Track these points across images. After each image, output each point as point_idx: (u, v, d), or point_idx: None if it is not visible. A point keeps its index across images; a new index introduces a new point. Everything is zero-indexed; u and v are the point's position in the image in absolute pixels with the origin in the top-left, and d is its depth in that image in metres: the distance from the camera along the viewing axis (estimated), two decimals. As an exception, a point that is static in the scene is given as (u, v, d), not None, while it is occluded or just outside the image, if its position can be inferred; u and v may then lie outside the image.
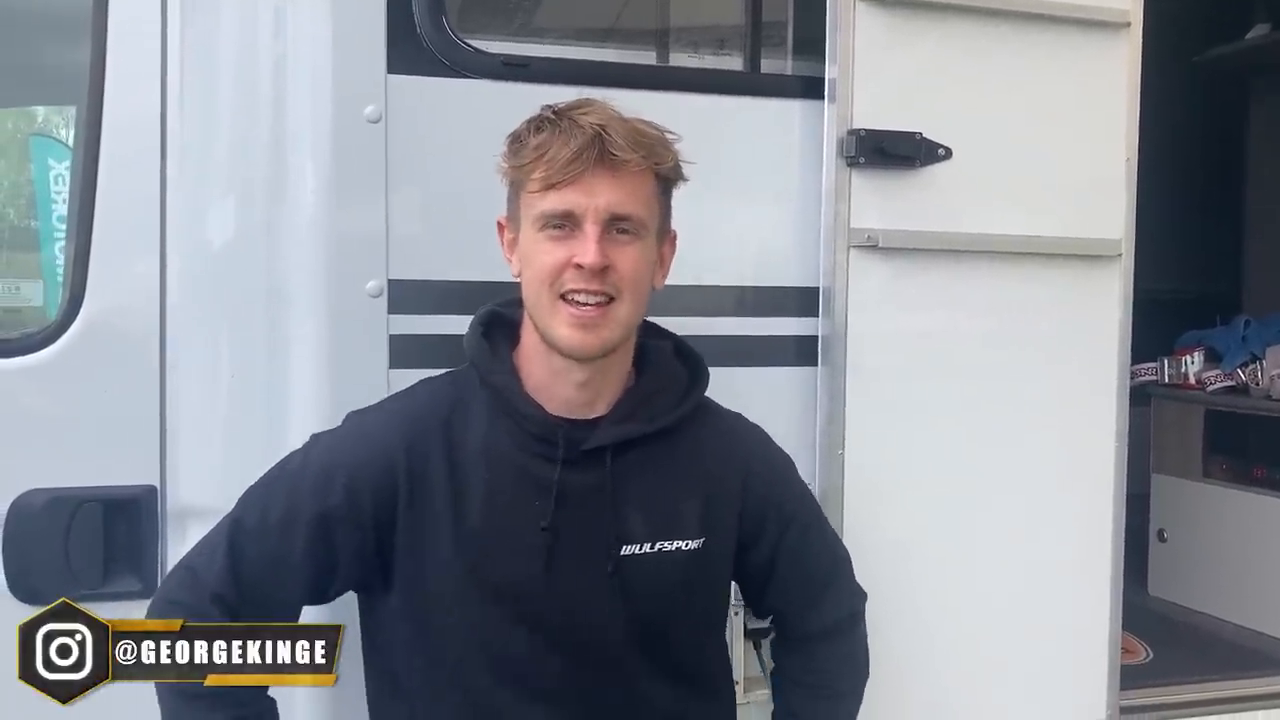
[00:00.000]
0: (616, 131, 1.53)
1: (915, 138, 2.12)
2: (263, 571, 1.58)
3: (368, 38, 1.87)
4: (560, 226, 1.54)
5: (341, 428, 1.67)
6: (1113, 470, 2.37)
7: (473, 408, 1.63)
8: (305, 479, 1.60)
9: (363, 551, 1.59)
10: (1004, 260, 2.24)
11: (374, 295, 1.88)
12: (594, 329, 1.54)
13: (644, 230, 1.58)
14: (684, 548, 1.65)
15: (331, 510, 1.57)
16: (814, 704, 1.86)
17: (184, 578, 1.60)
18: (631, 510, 1.63)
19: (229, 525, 1.60)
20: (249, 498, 1.62)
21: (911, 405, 2.19)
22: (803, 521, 1.80)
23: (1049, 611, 2.32)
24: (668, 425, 1.67)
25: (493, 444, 1.61)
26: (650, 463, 1.65)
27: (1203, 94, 4.43)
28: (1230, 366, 3.73)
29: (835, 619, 1.85)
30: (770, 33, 2.23)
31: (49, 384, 1.89)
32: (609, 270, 1.53)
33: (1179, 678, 2.78)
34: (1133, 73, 2.33)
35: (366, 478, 1.58)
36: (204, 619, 1.55)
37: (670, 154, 1.60)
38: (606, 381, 1.64)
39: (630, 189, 1.55)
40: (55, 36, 2.13)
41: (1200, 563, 3.63)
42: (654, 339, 1.73)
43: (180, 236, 1.91)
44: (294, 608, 1.64)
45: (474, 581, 1.59)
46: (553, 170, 1.51)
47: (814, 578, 1.83)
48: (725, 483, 1.71)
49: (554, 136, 1.53)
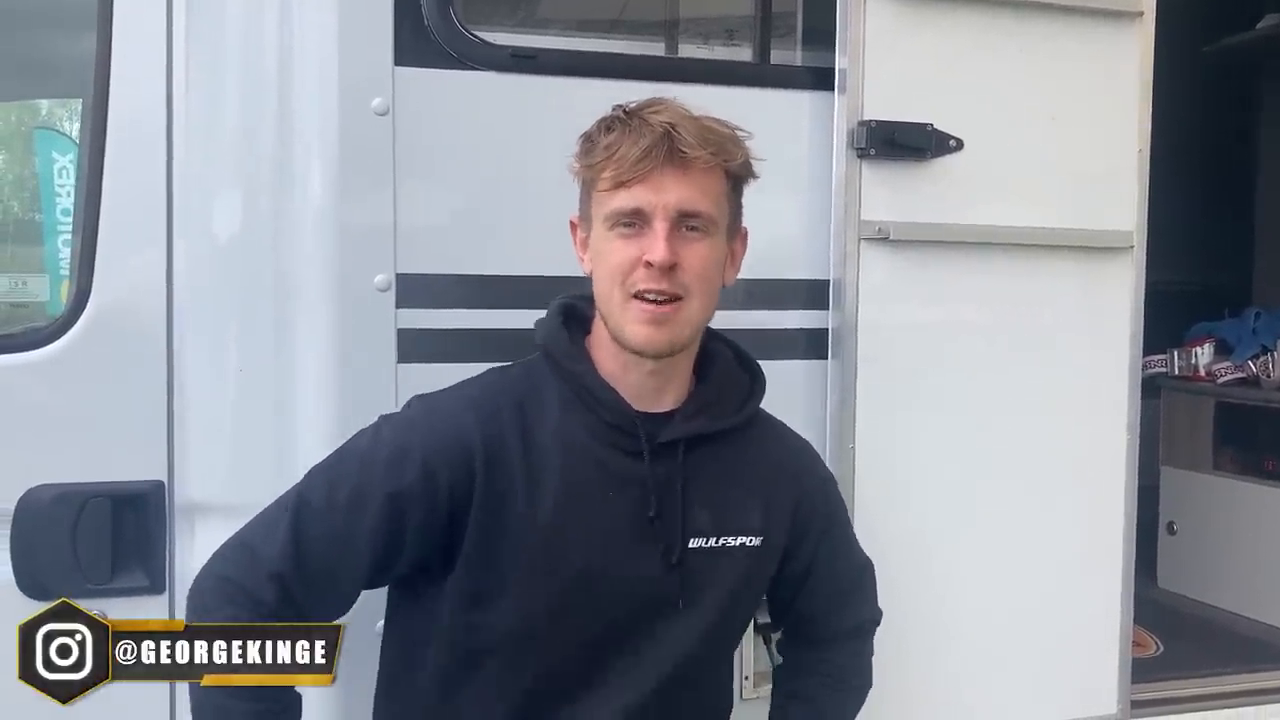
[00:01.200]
0: (686, 129, 1.54)
1: (926, 129, 2.11)
2: (326, 550, 1.55)
3: (375, 30, 1.86)
4: (630, 224, 1.56)
5: (412, 411, 1.66)
6: (1124, 462, 2.36)
7: (545, 396, 1.64)
8: (378, 458, 1.58)
9: (431, 532, 1.58)
10: (1015, 252, 2.23)
11: (382, 289, 1.87)
12: (664, 326, 1.56)
13: (713, 227, 1.59)
14: (746, 544, 1.69)
15: (406, 489, 1.56)
16: (823, 691, 1.87)
17: (239, 555, 1.56)
18: (698, 504, 1.66)
19: (293, 502, 1.57)
20: (313, 478, 1.60)
21: (922, 397, 2.18)
22: (838, 531, 1.85)
23: (1060, 604, 2.32)
24: (734, 424, 1.70)
25: (567, 432, 1.62)
26: (716, 460, 1.68)
27: (1213, 84, 4.40)
28: (1241, 358, 3.71)
29: (855, 624, 1.89)
30: (780, 23, 2.22)
31: (56, 379, 1.88)
32: (678, 268, 1.55)
33: (1189, 671, 2.77)
34: (1145, 63, 2.31)
35: (443, 458, 1.57)
36: (256, 599, 1.52)
37: (740, 151, 1.61)
38: (675, 374, 1.66)
39: (699, 186, 1.56)
40: (60, 29, 2.12)
41: (1210, 555, 3.62)
42: (715, 343, 1.74)
43: (187, 230, 1.90)
44: (351, 589, 1.62)
45: (547, 568, 1.60)
46: (623, 169, 1.54)
47: (841, 584, 1.86)
48: (781, 487, 1.74)
49: (624, 135, 1.55)
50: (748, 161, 1.63)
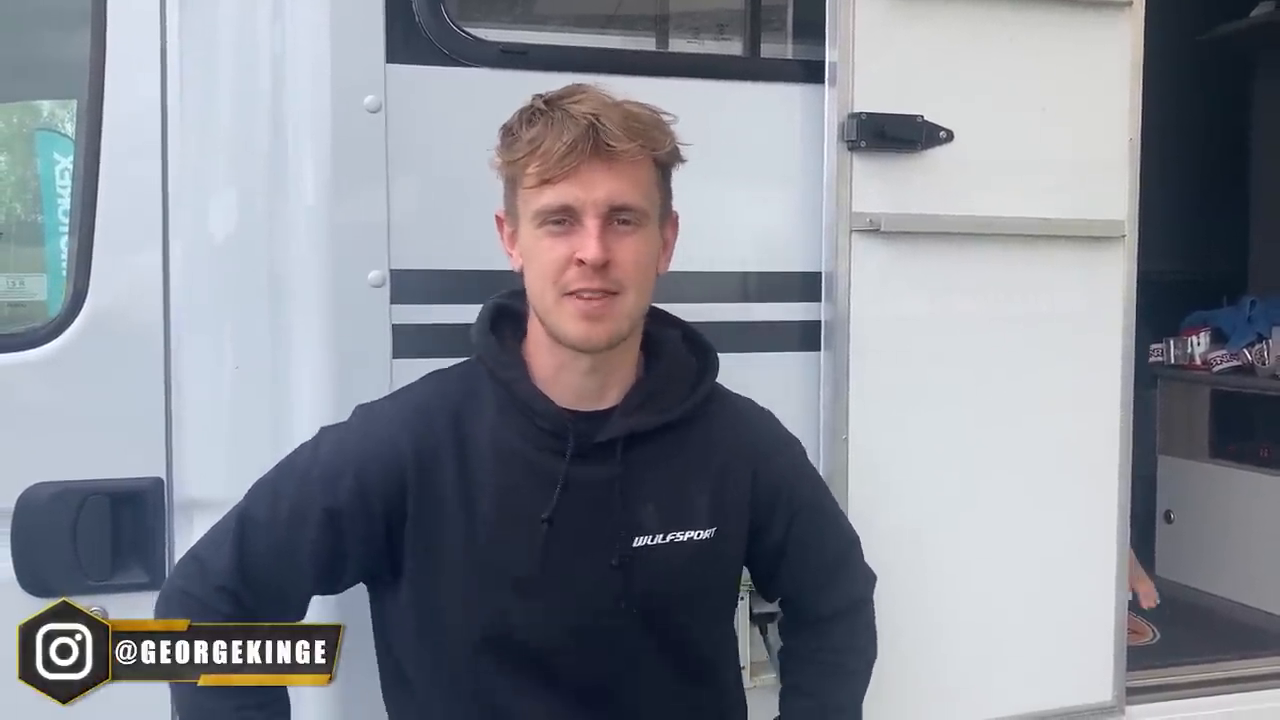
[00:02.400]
0: (611, 120, 1.49)
1: (916, 121, 2.12)
2: (270, 564, 1.59)
3: (366, 27, 1.87)
4: (560, 222, 1.52)
5: (350, 422, 1.66)
6: (1118, 452, 2.37)
7: (481, 401, 1.62)
8: (314, 473, 1.60)
9: (372, 545, 1.59)
10: (1007, 243, 2.24)
11: (376, 285, 1.88)
12: (600, 321, 1.53)
13: (645, 219, 1.56)
14: (695, 538, 1.65)
15: (341, 504, 1.57)
16: (823, 681, 1.86)
17: (191, 569, 1.61)
18: (643, 502, 1.63)
19: (237, 517, 1.60)
20: (257, 490, 1.63)
21: (915, 389, 2.19)
22: (812, 505, 1.81)
23: (1055, 593, 2.32)
24: (678, 417, 1.66)
25: (502, 438, 1.60)
26: (661, 454, 1.65)
27: (1207, 73, 4.40)
28: (1236, 346, 3.72)
29: (847, 601, 1.86)
30: (770, 17, 2.22)
31: (55, 378, 1.89)
32: (611, 264, 1.51)
33: (1186, 658, 2.77)
34: (1135, 53, 2.32)
35: (375, 472, 1.57)
36: (211, 609, 1.56)
37: (667, 137, 1.57)
38: (615, 369, 1.63)
39: (629, 178, 1.52)
40: (57, 30, 2.13)
41: (1207, 543, 3.63)
42: (663, 327, 1.71)
43: (182, 229, 1.92)
44: (301, 600, 1.64)
45: (483, 573, 1.59)
46: (548, 165, 1.49)
47: (824, 561, 1.83)
48: (735, 470, 1.70)
49: (547, 129, 1.50)
50: (675, 148, 1.58)
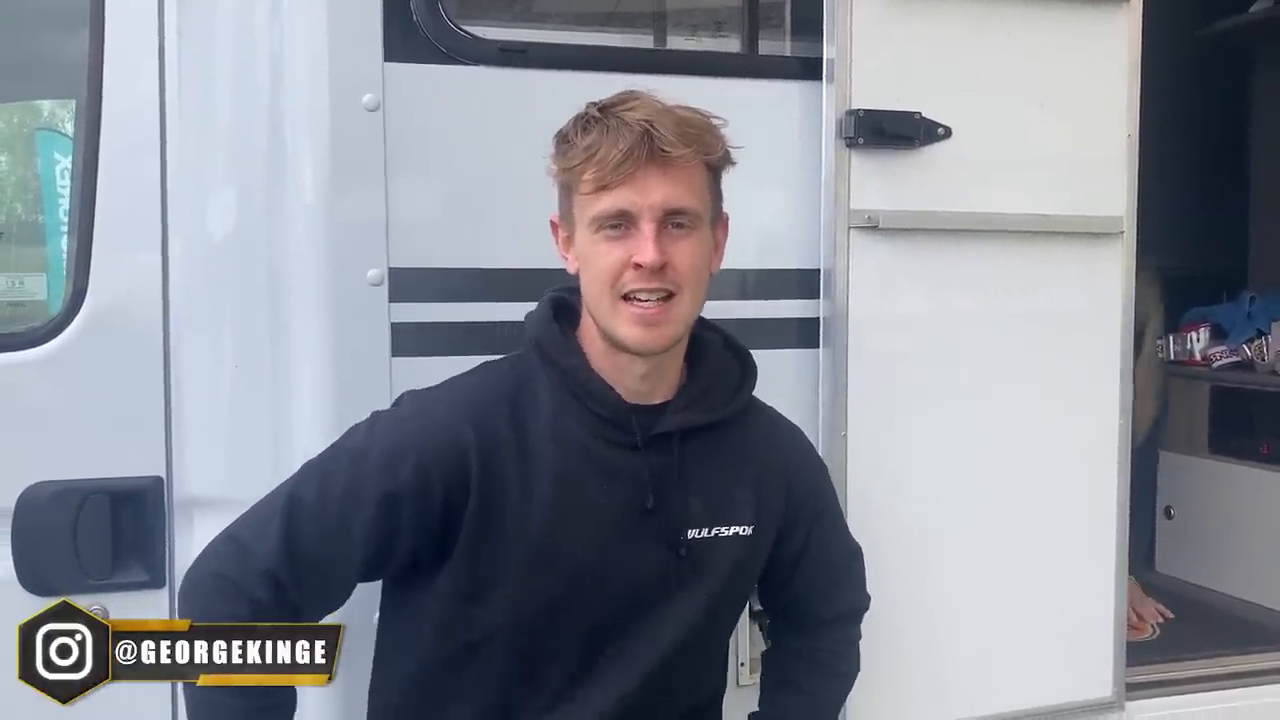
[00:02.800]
0: (664, 126, 1.53)
1: (914, 117, 2.12)
2: (319, 548, 1.56)
3: (364, 26, 1.87)
4: (616, 226, 1.55)
5: (405, 407, 1.66)
6: (1116, 447, 2.37)
7: (537, 391, 1.64)
8: (371, 456, 1.59)
9: (426, 530, 1.59)
10: (1005, 239, 2.24)
11: (375, 284, 1.88)
12: (657, 326, 1.57)
13: (699, 221, 1.60)
14: (740, 533, 1.70)
15: (401, 488, 1.56)
16: (810, 678, 1.89)
17: (231, 551, 1.56)
18: (693, 495, 1.67)
19: (285, 500, 1.57)
20: (306, 473, 1.61)
21: (914, 386, 2.20)
22: (829, 516, 1.87)
23: (1054, 589, 2.33)
24: (726, 416, 1.71)
25: (560, 426, 1.62)
26: (708, 451, 1.69)
27: (1206, 68, 4.39)
28: (1236, 342, 3.71)
29: (847, 609, 1.91)
30: (768, 14, 2.22)
31: (55, 377, 1.90)
32: (668, 267, 1.55)
33: (1186, 653, 2.77)
34: (1133, 48, 2.32)
35: (438, 457, 1.57)
36: (248, 595, 1.52)
37: (718, 142, 1.61)
38: (665, 372, 1.67)
39: (683, 183, 1.56)
40: (56, 29, 2.13)
41: (1207, 539, 3.62)
42: (704, 330, 1.75)
43: (181, 228, 1.92)
44: (344, 586, 1.63)
45: (542, 559, 1.60)
46: (604, 171, 1.52)
47: (832, 569, 1.87)
48: (772, 474, 1.75)
49: (602, 136, 1.53)
50: (727, 151, 1.63)
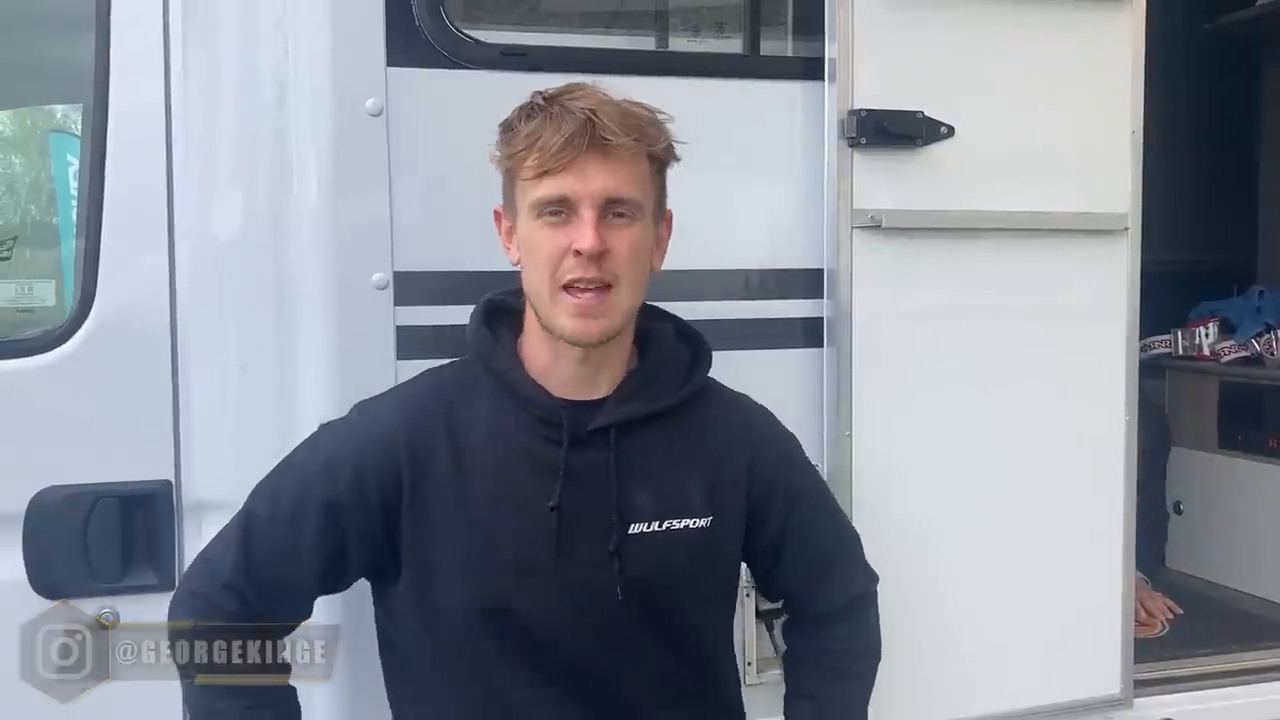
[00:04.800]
0: (608, 115, 1.53)
1: (917, 116, 2.12)
2: (274, 560, 1.62)
3: (367, 31, 1.88)
4: (557, 213, 1.55)
5: (347, 417, 1.70)
6: (1123, 443, 2.37)
7: (476, 394, 1.65)
8: (313, 468, 1.64)
9: (372, 537, 1.62)
10: (1009, 237, 2.24)
11: (380, 287, 1.89)
12: (595, 317, 1.56)
13: (640, 213, 1.59)
14: (692, 526, 1.67)
15: (339, 496, 1.60)
16: (826, 685, 1.86)
17: (201, 569, 1.66)
18: (638, 489, 1.65)
19: (241, 517, 1.65)
20: (260, 490, 1.66)
21: (919, 385, 2.19)
22: (809, 501, 1.82)
23: (1062, 586, 2.32)
24: (670, 405, 1.68)
25: (497, 428, 1.63)
26: (655, 442, 1.67)
27: (1214, 62, 4.37)
28: (1245, 337, 3.70)
29: (846, 599, 1.86)
30: (769, 15, 2.23)
31: (64, 382, 1.91)
32: (607, 255, 1.54)
33: (1194, 650, 2.77)
34: (1136, 45, 2.31)
35: (371, 463, 1.61)
36: (217, 607, 1.60)
37: (663, 134, 1.61)
38: (607, 361, 1.65)
39: (625, 172, 1.56)
40: (64, 33, 2.14)
41: (1216, 535, 3.62)
42: (655, 321, 1.74)
43: (188, 233, 1.93)
44: (306, 596, 1.67)
45: (480, 560, 1.61)
46: (546, 157, 1.53)
47: (822, 557, 1.84)
48: (731, 462, 1.72)
49: (546, 123, 1.54)
50: (670, 145, 1.62)
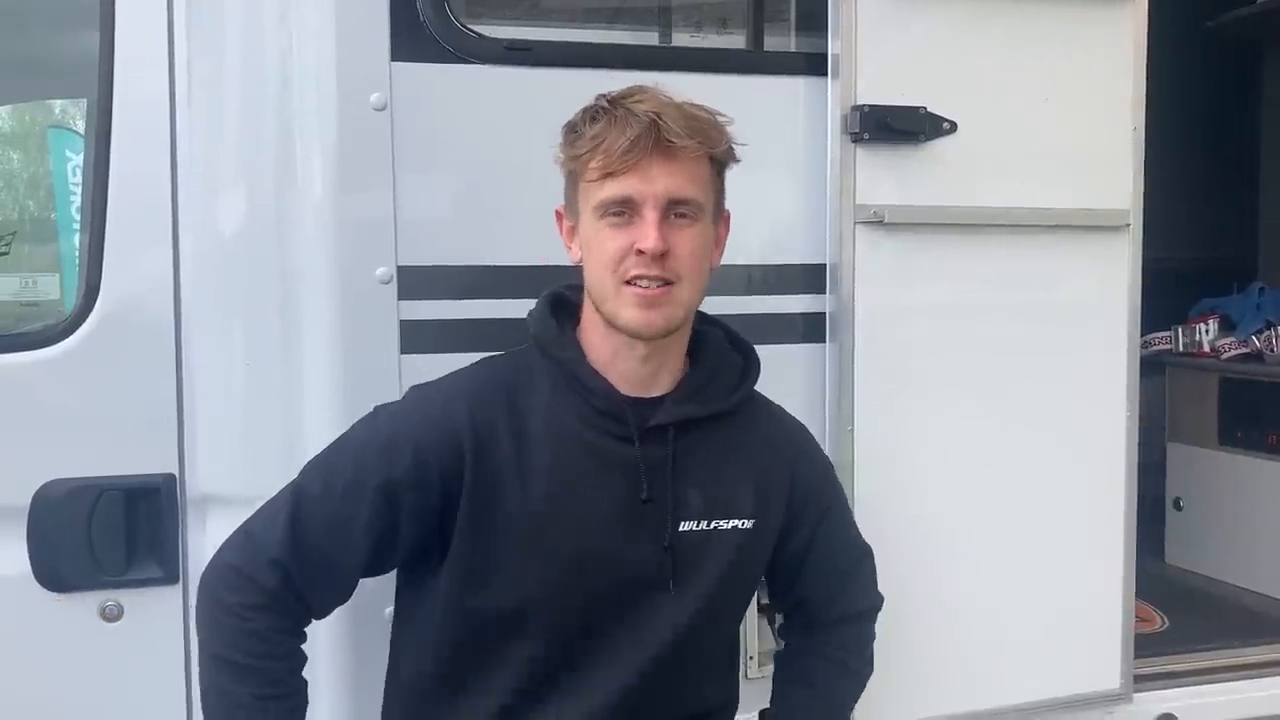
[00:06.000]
0: (671, 118, 1.56)
1: (919, 112, 2.12)
2: (323, 538, 1.61)
3: (372, 25, 1.88)
4: (620, 214, 1.58)
5: (405, 401, 1.71)
6: (1124, 440, 2.37)
7: (536, 383, 1.67)
8: (372, 447, 1.64)
9: (426, 519, 1.63)
10: (1011, 233, 2.24)
11: (384, 281, 1.90)
12: (657, 307, 1.59)
13: (701, 213, 1.62)
14: (739, 527, 1.71)
15: (399, 477, 1.60)
16: (822, 674, 1.89)
17: (242, 542, 1.63)
18: (689, 487, 1.68)
19: (292, 492, 1.63)
20: (312, 467, 1.66)
21: (920, 380, 2.20)
22: (836, 514, 1.87)
23: (1062, 582, 2.33)
24: (726, 408, 1.72)
25: (557, 418, 1.65)
26: (707, 443, 1.70)
27: (1216, 60, 4.39)
28: (1245, 334, 3.71)
29: (855, 609, 1.91)
30: (772, 10, 2.23)
31: (68, 376, 1.91)
32: (669, 255, 1.57)
33: (1194, 645, 2.78)
34: (1138, 42, 2.32)
35: (433, 446, 1.61)
36: (257, 584, 1.58)
37: (724, 137, 1.64)
38: (666, 360, 1.68)
39: (687, 174, 1.59)
40: (67, 28, 2.14)
41: (1216, 531, 3.63)
42: (707, 325, 1.77)
43: (192, 226, 1.94)
44: (349, 577, 1.66)
45: (536, 548, 1.62)
46: (611, 159, 1.56)
47: (840, 567, 1.88)
48: (775, 470, 1.76)
49: (610, 126, 1.57)
50: (730, 147, 1.65)
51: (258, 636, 1.58)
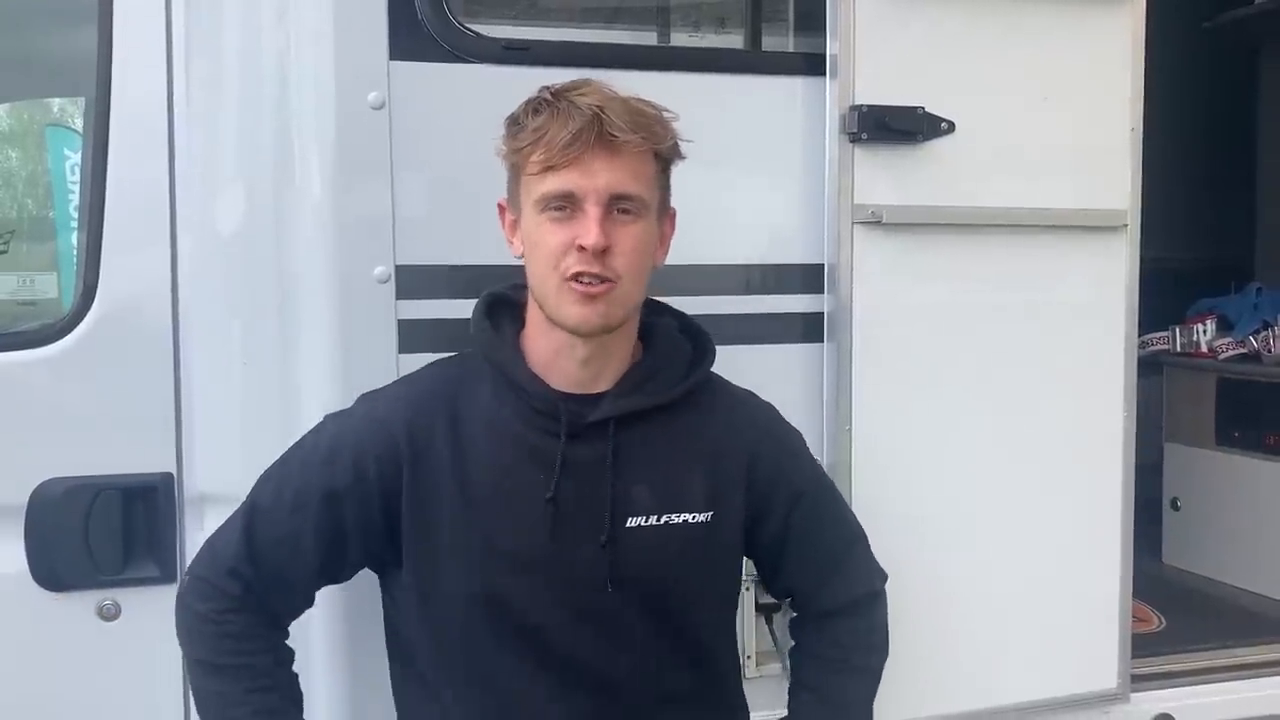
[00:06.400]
0: (615, 112, 1.54)
1: (917, 112, 2.12)
2: (276, 549, 1.63)
3: (370, 24, 1.88)
4: (561, 208, 1.55)
5: (350, 408, 1.72)
6: (1121, 440, 2.37)
7: (478, 385, 1.66)
8: (315, 457, 1.65)
9: (371, 525, 1.63)
10: (1009, 233, 2.24)
11: (381, 281, 1.90)
12: (597, 303, 1.56)
13: (644, 209, 1.59)
14: (691, 520, 1.67)
15: (339, 485, 1.61)
16: (830, 677, 1.85)
17: (206, 555, 1.68)
18: (637, 483, 1.65)
19: (246, 505, 1.66)
20: (265, 479, 1.67)
21: (918, 380, 2.20)
22: (814, 497, 1.81)
23: (1059, 581, 2.33)
24: (671, 399, 1.69)
25: (496, 418, 1.64)
26: (655, 436, 1.67)
27: (1213, 60, 4.39)
28: (1242, 334, 3.72)
29: (852, 597, 1.85)
30: (771, 10, 2.23)
31: (66, 375, 1.91)
32: (610, 251, 1.54)
33: (1191, 645, 2.78)
34: (1136, 41, 2.32)
35: (371, 452, 1.61)
36: (222, 591, 1.61)
37: (669, 133, 1.61)
38: (609, 358, 1.66)
39: (630, 169, 1.56)
40: (65, 26, 2.14)
41: (1213, 531, 3.64)
42: (659, 316, 1.75)
43: (190, 225, 1.94)
44: (306, 585, 1.68)
45: (478, 550, 1.61)
46: (552, 152, 1.53)
47: (828, 554, 1.83)
48: (731, 458, 1.72)
49: (552, 118, 1.54)
50: (676, 143, 1.62)
51: (235, 637, 1.61)
